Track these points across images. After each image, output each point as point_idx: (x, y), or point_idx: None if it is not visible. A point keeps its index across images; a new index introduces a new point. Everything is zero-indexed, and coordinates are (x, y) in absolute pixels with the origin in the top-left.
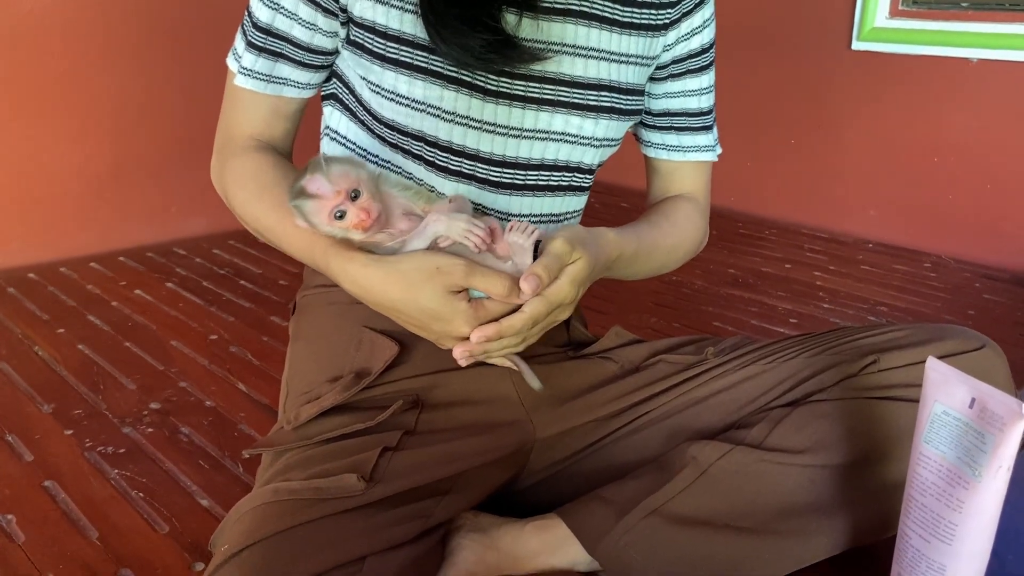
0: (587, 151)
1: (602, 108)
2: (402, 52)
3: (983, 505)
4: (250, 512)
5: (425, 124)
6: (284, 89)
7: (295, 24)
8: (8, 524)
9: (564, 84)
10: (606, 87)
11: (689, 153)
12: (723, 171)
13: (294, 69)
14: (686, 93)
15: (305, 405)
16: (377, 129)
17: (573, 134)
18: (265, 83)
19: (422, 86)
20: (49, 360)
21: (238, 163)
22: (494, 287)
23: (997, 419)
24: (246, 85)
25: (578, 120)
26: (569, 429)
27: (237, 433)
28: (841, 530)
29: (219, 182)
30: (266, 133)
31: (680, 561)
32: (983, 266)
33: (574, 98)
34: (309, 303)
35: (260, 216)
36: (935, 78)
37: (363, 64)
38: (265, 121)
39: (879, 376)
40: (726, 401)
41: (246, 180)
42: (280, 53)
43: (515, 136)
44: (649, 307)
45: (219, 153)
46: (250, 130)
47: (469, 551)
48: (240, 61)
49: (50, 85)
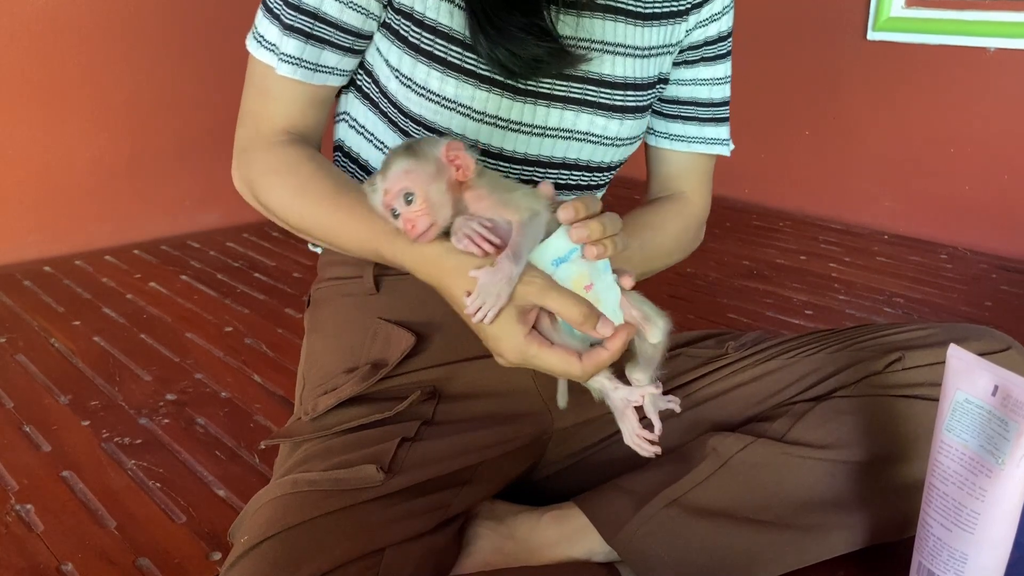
0: (608, 151)
1: (627, 108)
2: (436, 45)
3: (1006, 493)
4: (269, 503)
5: (453, 122)
6: (330, 78)
7: (345, 8)
8: (27, 514)
9: (591, 83)
10: (631, 86)
11: (694, 144)
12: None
13: (342, 57)
14: (697, 82)
15: (322, 396)
16: (401, 122)
17: (597, 134)
18: (312, 72)
19: (454, 84)
20: (65, 352)
21: (272, 158)
22: (569, 311)
23: (1021, 407)
24: (293, 75)
25: (603, 121)
26: (587, 420)
27: (253, 424)
28: (860, 527)
29: (246, 179)
30: (300, 124)
31: (698, 552)
32: (1000, 257)
33: (601, 98)
34: (324, 296)
35: (305, 212)
36: (951, 68)
37: (395, 53)
38: (302, 112)
39: (903, 375)
40: (747, 395)
41: (285, 175)
42: (329, 40)
43: (539, 135)
44: (664, 299)
45: (245, 150)
46: (284, 123)
47: (486, 540)
48: (279, 48)
49: (66, 79)
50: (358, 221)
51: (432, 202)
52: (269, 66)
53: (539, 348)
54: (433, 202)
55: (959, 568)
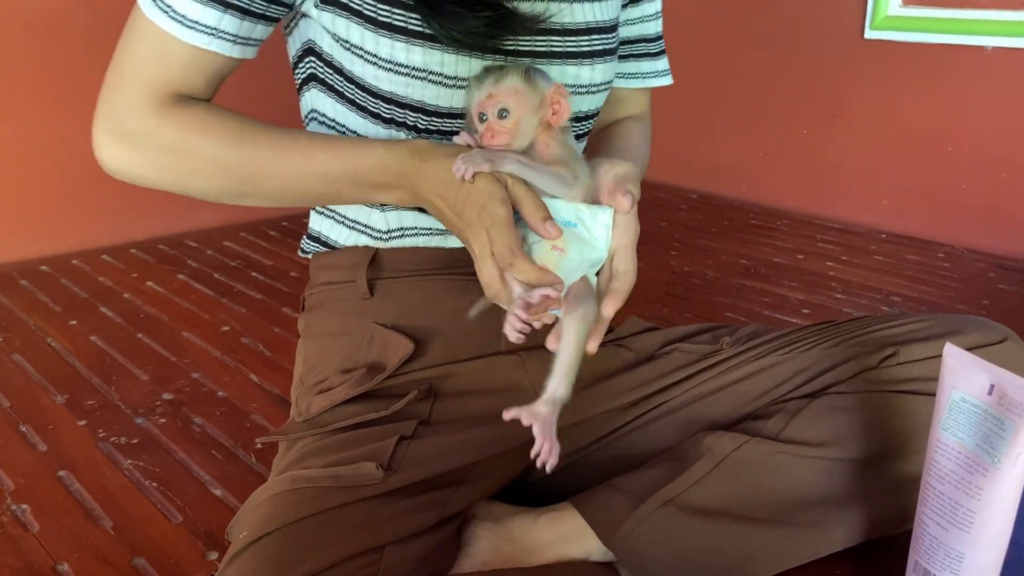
0: (585, 99)
1: (596, 53)
2: (395, 15)
3: (1002, 492)
4: (268, 500)
5: (427, 93)
6: (247, 49)
7: None
8: (23, 514)
9: (557, 34)
10: (595, 30)
11: (648, 79)
12: (735, 161)
13: (256, 24)
14: (644, 19)
15: (317, 396)
16: (372, 105)
17: (571, 84)
18: (232, 44)
19: (421, 52)
20: (62, 351)
21: (185, 117)
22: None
23: (1017, 405)
24: (209, 47)
25: (574, 70)
26: (583, 419)
27: (249, 423)
28: (857, 522)
29: (142, 147)
30: (198, 94)
31: (695, 551)
32: (997, 256)
33: (568, 47)
34: (318, 301)
35: (251, 154)
36: (949, 67)
37: (355, 31)
38: (206, 82)
39: (898, 369)
40: (742, 392)
41: (213, 127)
42: (248, 10)
43: None
44: (661, 297)
45: (129, 116)
46: (183, 91)
47: (484, 541)
48: (187, 16)
49: (63, 78)
50: (312, 142)
51: (521, 128)
52: (169, 34)
53: (503, 208)
54: (522, 129)
55: (955, 567)
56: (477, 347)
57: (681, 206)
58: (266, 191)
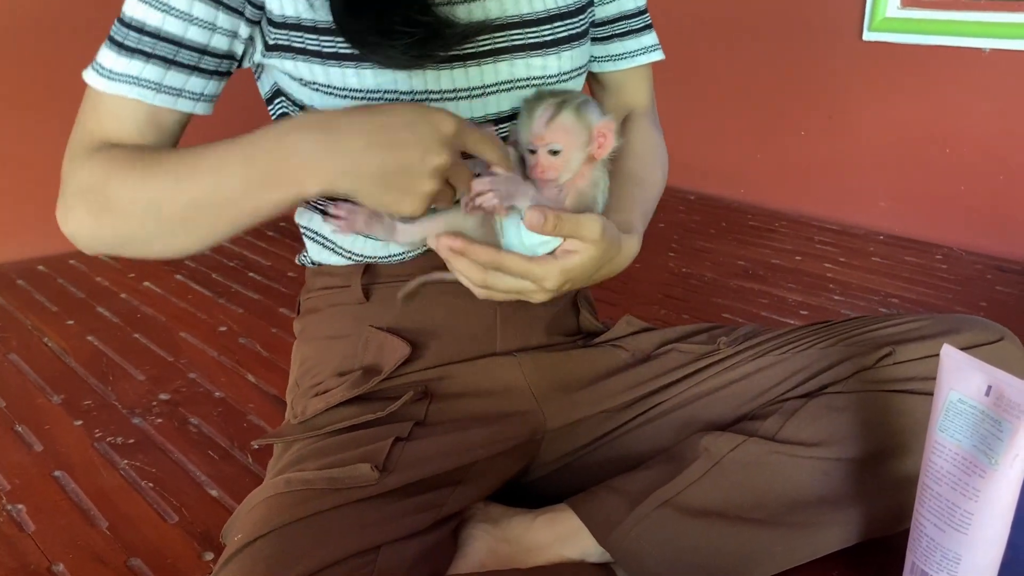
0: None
1: (561, 40)
2: (338, 44)
3: (999, 494)
4: (263, 502)
5: None
6: (178, 101)
7: (190, 26)
8: (18, 514)
9: (514, 27)
10: (557, 16)
11: (637, 57)
12: (733, 163)
13: (189, 77)
14: None
15: (313, 399)
16: None
17: (539, 76)
18: (155, 92)
19: (372, 74)
20: (59, 351)
21: (100, 158)
22: (489, 151)
23: (1014, 407)
24: (130, 94)
25: (540, 61)
26: (580, 420)
27: (246, 424)
28: (855, 522)
29: (75, 195)
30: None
31: (692, 552)
32: (995, 258)
33: (529, 39)
34: (313, 305)
35: (168, 185)
36: (947, 68)
37: (304, 67)
38: (143, 135)
39: (895, 369)
40: (739, 392)
41: (124, 169)
42: (173, 60)
43: (479, 96)
44: (658, 298)
45: (69, 163)
46: (115, 138)
47: (481, 542)
48: (115, 71)
49: (61, 77)
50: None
51: (569, 164)
52: (101, 92)
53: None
54: (570, 165)
55: (952, 568)
56: (472, 349)
57: (679, 207)
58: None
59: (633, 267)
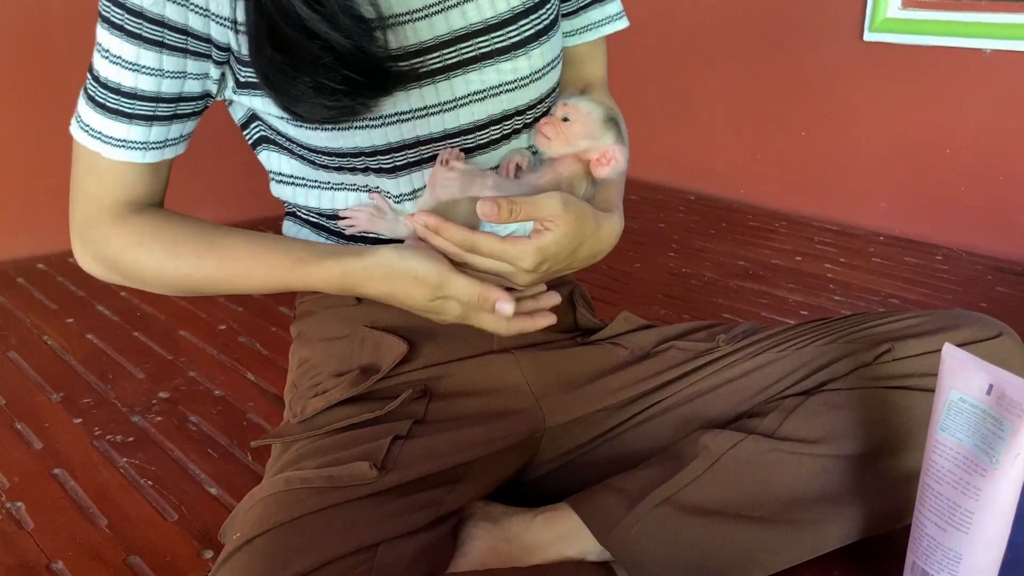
0: (531, 88)
1: (529, 39)
2: None
3: (1000, 493)
4: (262, 501)
5: (358, 138)
6: (165, 152)
7: (163, 80)
8: (17, 511)
9: (476, 35)
10: (521, 14)
11: (602, 27)
12: (734, 163)
13: (169, 126)
14: None
15: (312, 399)
16: (316, 158)
17: (511, 80)
18: (143, 151)
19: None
20: (58, 349)
21: (127, 231)
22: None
23: (1015, 406)
24: (124, 158)
25: (509, 64)
26: (579, 418)
27: (246, 422)
28: (855, 519)
29: (103, 259)
30: (144, 196)
31: (692, 550)
32: (995, 259)
33: (495, 44)
34: (308, 309)
35: (188, 270)
36: (948, 69)
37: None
38: (144, 184)
39: (893, 365)
40: (738, 390)
41: (150, 243)
42: (153, 116)
43: (451, 109)
44: (658, 298)
45: (92, 230)
46: (125, 197)
47: (480, 541)
48: (104, 133)
49: (59, 76)
50: (254, 259)
51: (568, 139)
52: (95, 152)
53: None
54: (568, 141)
55: (953, 568)
56: (470, 348)
57: (679, 207)
58: (210, 292)
59: (633, 267)
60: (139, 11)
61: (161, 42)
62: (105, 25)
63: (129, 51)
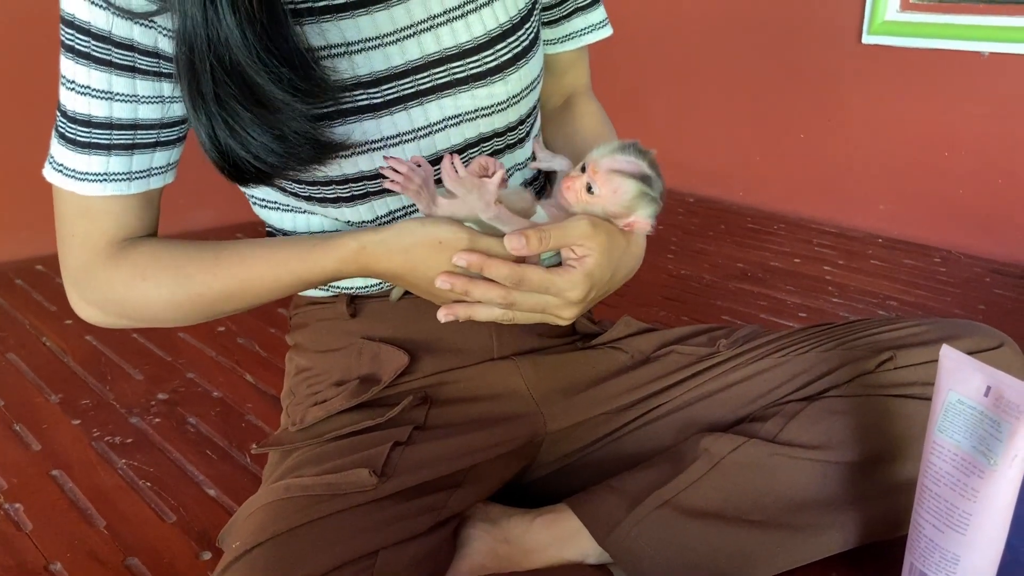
0: (508, 112)
1: (506, 63)
2: None
3: (998, 494)
4: (261, 509)
5: (330, 169)
6: (151, 180)
7: (139, 105)
8: (16, 513)
9: (450, 60)
10: (498, 37)
11: (585, 35)
12: (732, 165)
13: (153, 153)
14: None
15: (312, 408)
16: (288, 187)
17: (486, 106)
18: (128, 182)
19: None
20: (57, 351)
21: (127, 268)
22: (498, 250)
23: (1013, 407)
24: (108, 192)
25: (484, 91)
26: (580, 422)
27: (244, 424)
28: (853, 526)
29: (105, 304)
30: (137, 228)
31: (691, 553)
32: (994, 261)
33: (469, 70)
34: (301, 321)
35: (200, 291)
36: (946, 72)
37: None
38: (138, 217)
39: (895, 374)
40: (739, 394)
41: (152, 275)
42: (133, 144)
43: (426, 135)
44: (657, 301)
45: (88, 276)
46: (119, 234)
47: (480, 542)
48: (80, 171)
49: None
50: (263, 259)
51: (589, 207)
52: (80, 194)
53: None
54: (588, 208)
55: (951, 569)
56: (469, 358)
57: (678, 209)
58: (226, 311)
59: None
60: (105, 36)
61: (133, 67)
62: (70, 55)
63: (99, 79)
